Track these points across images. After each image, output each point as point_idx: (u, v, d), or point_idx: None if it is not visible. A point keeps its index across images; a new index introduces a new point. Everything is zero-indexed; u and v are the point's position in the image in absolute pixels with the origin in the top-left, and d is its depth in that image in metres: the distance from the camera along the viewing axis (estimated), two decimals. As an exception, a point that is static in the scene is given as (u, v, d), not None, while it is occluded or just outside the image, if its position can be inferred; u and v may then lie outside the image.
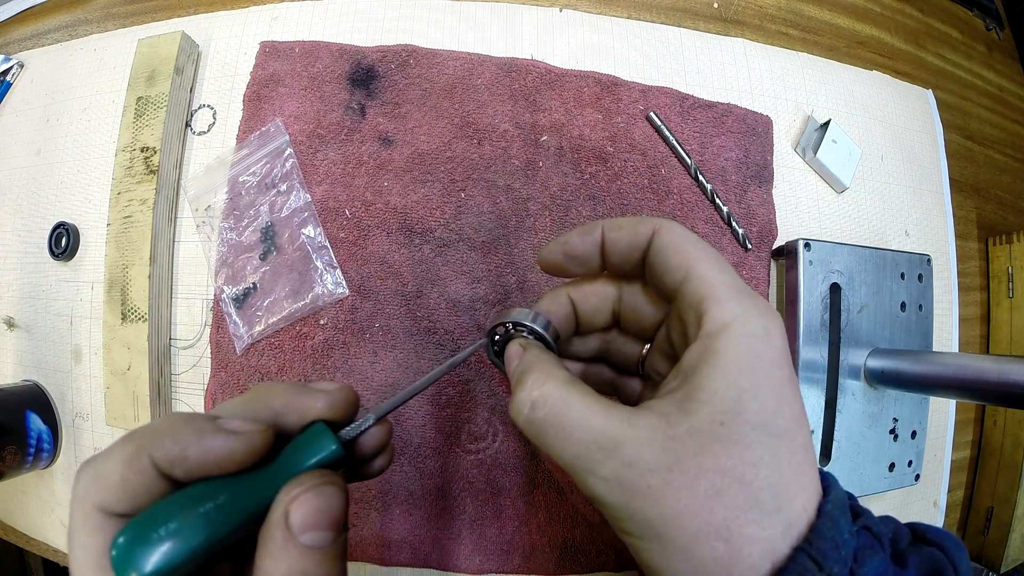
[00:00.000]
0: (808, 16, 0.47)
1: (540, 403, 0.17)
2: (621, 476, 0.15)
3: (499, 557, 0.34)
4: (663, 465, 0.15)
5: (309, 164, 0.36)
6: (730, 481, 0.15)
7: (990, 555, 0.46)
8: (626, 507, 0.15)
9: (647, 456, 0.15)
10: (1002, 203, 0.54)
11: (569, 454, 0.16)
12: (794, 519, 0.15)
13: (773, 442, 0.15)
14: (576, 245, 0.21)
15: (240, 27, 0.40)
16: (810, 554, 0.14)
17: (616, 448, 0.15)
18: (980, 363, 0.30)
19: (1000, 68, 0.58)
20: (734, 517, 0.15)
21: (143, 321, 0.35)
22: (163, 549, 0.13)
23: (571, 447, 0.16)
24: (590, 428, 0.16)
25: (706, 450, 0.15)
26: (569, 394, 0.17)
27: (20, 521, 0.41)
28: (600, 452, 0.16)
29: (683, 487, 0.15)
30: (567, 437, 0.16)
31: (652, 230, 0.19)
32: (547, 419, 0.17)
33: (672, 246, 0.18)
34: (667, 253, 0.18)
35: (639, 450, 0.15)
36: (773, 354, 0.16)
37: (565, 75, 0.38)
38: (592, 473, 0.16)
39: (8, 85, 0.45)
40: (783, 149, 0.41)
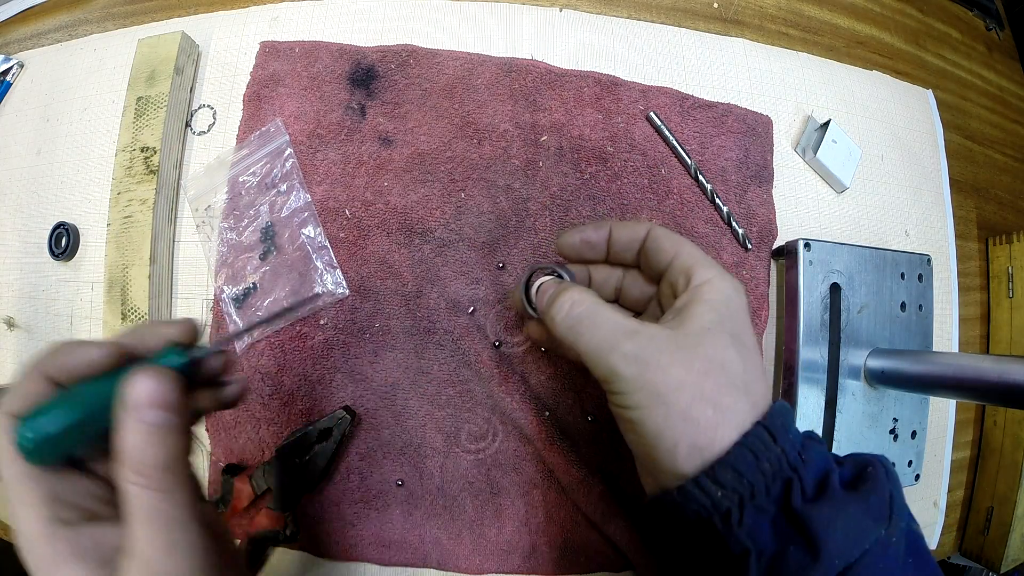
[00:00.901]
0: (808, 16, 0.47)
1: (578, 303, 0.23)
2: (639, 351, 0.20)
3: (499, 557, 0.34)
4: (670, 348, 0.21)
5: (309, 164, 0.36)
6: (716, 366, 0.21)
7: (990, 555, 0.46)
8: (640, 377, 0.20)
9: (660, 339, 0.21)
10: (1002, 203, 0.54)
11: (598, 336, 0.22)
12: (757, 401, 0.21)
13: (743, 350, 0.21)
14: (591, 234, 0.27)
15: (240, 27, 0.40)
16: (767, 427, 0.20)
17: (636, 332, 0.21)
18: (980, 363, 0.30)
19: (1000, 68, 0.58)
20: (718, 391, 0.20)
21: (143, 321, 0.35)
22: (45, 421, 0.18)
23: (600, 331, 0.22)
24: (617, 320, 0.22)
25: (699, 343, 0.21)
26: (598, 301, 0.23)
27: (20, 521, 0.41)
28: (624, 334, 0.21)
29: (683, 364, 0.20)
30: (598, 325, 0.22)
31: (648, 227, 0.26)
32: (583, 313, 0.23)
33: (664, 236, 0.25)
34: (660, 240, 0.25)
35: (654, 334, 0.21)
36: (740, 301, 0.23)
37: (565, 75, 0.38)
38: (616, 350, 0.21)
39: (8, 85, 0.45)
40: (783, 149, 0.41)
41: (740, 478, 0.19)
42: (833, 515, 0.18)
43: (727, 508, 0.19)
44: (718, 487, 0.19)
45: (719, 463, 0.19)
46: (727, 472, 0.19)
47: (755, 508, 0.19)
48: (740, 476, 0.19)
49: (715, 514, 0.19)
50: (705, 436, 0.20)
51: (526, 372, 0.35)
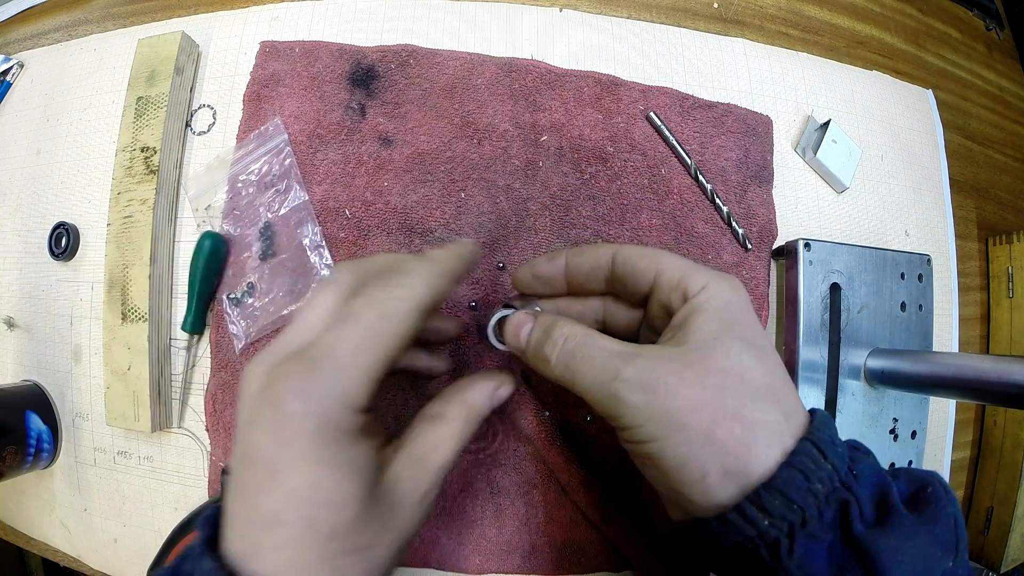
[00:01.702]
0: (808, 16, 0.47)
1: (570, 338, 0.21)
2: (643, 376, 0.18)
3: (499, 557, 0.34)
4: (675, 368, 0.18)
5: (309, 164, 0.36)
6: (732, 378, 0.18)
7: (990, 555, 0.46)
8: (648, 406, 0.18)
9: (663, 359, 0.19)
10: (1002, 203, 0.54)
11: (595, 369, 0.20)
12: (790, 410, 0.18)
13: (759, 354, 0.19)
14: (542, 268, 0.25)
15: (240, 27, 0.40)
16: (813, 442, 0.17)
17: (635, 356, 0.19)
18: (980, 363, 0.30)
19: (1000, 68, 0.58)
20: (741, 405, 0.18)
21: (143, 321, 0.35)
22: None
23: (598, 363, 0.20)
24: (611, 347, 0.20)
25: (708, 356, 0.19)
26: (590, 332, 0.21)
27: (20, 521, 0.42)
28: (622, 359, 0.19)
29: (694, 383, 0.18)
30: (594, 356, 0.20)
31: (612, 249, 0.23)
32: (576, 347, 0.21)
33: (636, 254, 0.23)
34: (634, 260, 0.23)
35: (654, 355, 0.19)
36: (743, 300, 0.21)
37: (565, 75, 0.38)
38: (617, 377, 0.19)
39: (8, 85, 0.45)
40: (783, 149, 0.41)
41: (789, 503, 0.16)
42: (900, 544, 0.16)
43: (775, 538, 0.17)
44: (764, 515, 0.17)
45: (764, 488, 0.17)
46: (775, 497, 0.17)
47: (807, 536, 0.17)
48: (789, 501, 0.16)
49: (762, 545, 0.17)
50: (737, 458, 0.17)
51: (526, 371, 0.35)
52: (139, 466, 0.37)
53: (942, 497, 0.18)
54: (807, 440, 0.18)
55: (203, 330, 0.36)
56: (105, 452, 0.38)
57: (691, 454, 0.18)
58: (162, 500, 0.36)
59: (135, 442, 0.37)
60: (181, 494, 0.36)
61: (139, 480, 0.37)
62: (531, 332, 0.23)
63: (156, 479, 0.36)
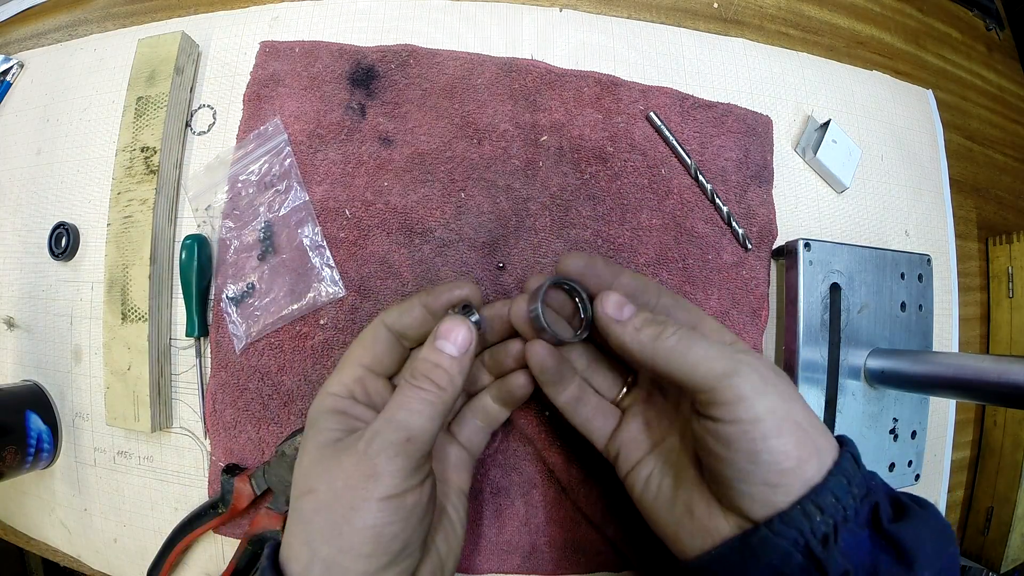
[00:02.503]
0: (808, 16, 0.47)
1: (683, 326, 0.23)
2: (755, 364, 0.22)
3: (499, 557, 0.34)
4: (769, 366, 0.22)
5: (309, 164, 0.36)
6: (796, 396, 0.22)
7: (990, 555, 0.46)
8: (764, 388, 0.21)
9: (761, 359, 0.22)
10: (1002, 203, 0.54)
11: (715, 350, 0.22)
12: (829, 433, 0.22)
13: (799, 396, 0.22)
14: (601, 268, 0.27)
15: (240, 27, 0.40)
16: (852, 453, 0.21)
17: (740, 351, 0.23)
18: (980, 363, 0.30)
19: (1000, 68, 0.58)
20: (809, 414, 0.22)
21: (143, 321, 0.35)
22: None
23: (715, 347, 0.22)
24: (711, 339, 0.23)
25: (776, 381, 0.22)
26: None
27: (20, 521, 0.42)
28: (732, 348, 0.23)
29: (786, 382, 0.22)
30: (710, 342, 0.23)
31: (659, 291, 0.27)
32: (691, 332, 0.23)
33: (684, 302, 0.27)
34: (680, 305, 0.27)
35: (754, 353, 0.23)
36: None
37: (565, 75, 0.38)
38: (737, 355, 0.22)
39: (8, 85, 0.45)
40: (783, 149, 0.41)
41: (837, 502, 0.20)
42: (920, 530, 0.20)
43: (824, 533, 0.20)
44: (818, 511, 0.20)
45: (820, 487, 0.20)
46: (827, 496, 0.20)
47: (848, 531, 0.20)
48: (837, 500, 0.20)
49: (812, 539, 0.20)
50: (827, 443, 0.21)
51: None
52: (139, 466, 0.37)
53: (933, 507, 0.22)
54: (848, 452, 0.21)
55: (207, 331, 0.36)
56: (105, 452, 0.38)
57: (803, 434, 0.20)
58: (162, 500, 0.36)
59: (135, 442, 0.37)
60: (181, 494, 0.36)
61: (139, 480, 0.37)
62: (636, 312, 0.25)
63: (156, 479, 0.36)
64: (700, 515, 0.23)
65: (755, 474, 0.20)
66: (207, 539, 0.35)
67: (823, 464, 0.20)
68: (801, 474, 0.20)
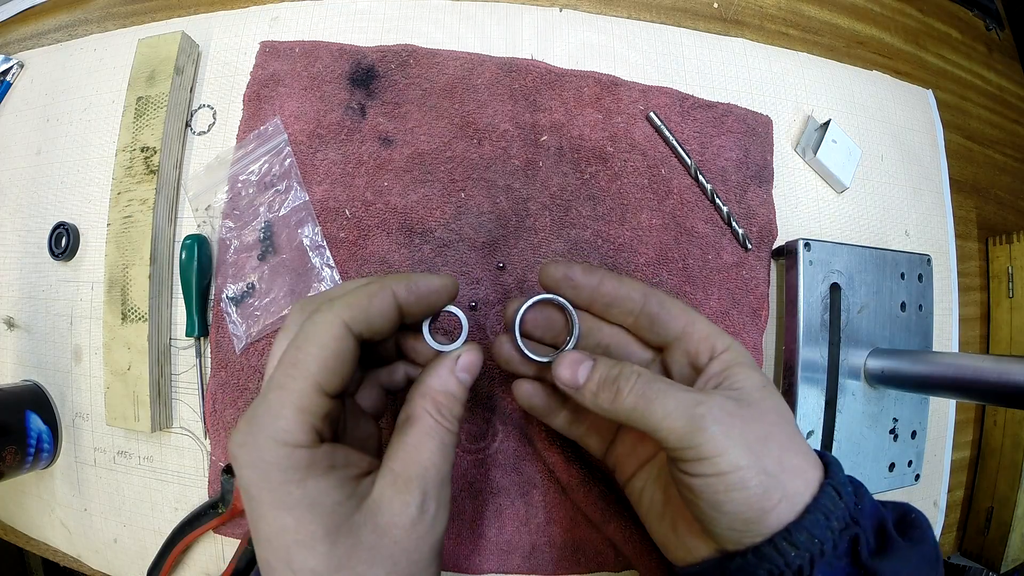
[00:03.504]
0: (808, 16, 0.47)
1: (644, 375, 0.22)
2: (720, 409, 0.20)
3: (499, 557, 0.34)
4: (741, 406, 0.21)
5: (309, 164, 0.36)
6: (783, 419, 0.21)
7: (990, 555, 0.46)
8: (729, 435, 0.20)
9: (729, 399, 0.21)
10: (1002, 203, 0.54)
11: (676, 399, 0.21)
12: (813, 460, 0.21)
13: (784, 421, 0.22)
14: (579, 277, 0.26)
15: (240, 27, 0.40)
16: (833, 486, 0.20)
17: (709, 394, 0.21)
18: (980, 363, 0.30)
19: (1000, 68, 0.58)
20: (794, 438, 0.21)
21: (143, 321, 0.35)
22: None
23: (676, 396, 0.21)
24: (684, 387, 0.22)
25: (763, 400, 0.21)
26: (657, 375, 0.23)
27: (20, 521, 0.42)
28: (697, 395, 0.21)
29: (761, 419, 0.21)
30: (670, 391, 0.21)
31: (643, 290, 0.25)
32: (652, 382, 0.22)
33: (671, 302, 0.25)
34: (668, 307, 0.25)
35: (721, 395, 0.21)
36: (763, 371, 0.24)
37: (565, 75, 0.38)
38: (699, 407, 0.20)
39: (8, 85, 0.45)
40: (783, 149, 0.41)
41: (812, 538, 0.19)
42: (899, 566, 0.19)
43: (799, 566, 0.19)
44: (792, 548, 0.19)
45: (794, 526, 0.19)
46: (802, 533, 0.19)
47: (825, 564, 0.19)
48: (812, 537, 0.19)
49: (787, 572, 0.19)
50: (801, 481, 0.20)
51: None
52: (139, 466, 0.37)
53: (923, 522, 0.22)
54: (829, 484, 0.20)
55: (207, 331, 0.36)
56: (105, 452, 0.38)
57: (770, 483, 0.20)
58: (162, 500, 0.36)
59: (135, 442, 0.37)
60: (181, 494, 0.36)
61: (139, 480, 0.37)
62: (595, 368, 0.23)
63: (156, 479, 0.37)
64: (682, 533, 0.24)
65: (720, 521, 0.20)
66: (207, 539, 0.35)
67: (795, 505, 0.20)
68: (766, 521, 0.20)
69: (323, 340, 0.19)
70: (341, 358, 0.19)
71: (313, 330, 0.19)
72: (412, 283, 0.22)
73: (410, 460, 0.20)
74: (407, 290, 0.22)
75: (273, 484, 0.17)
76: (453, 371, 0.23)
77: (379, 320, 0.21)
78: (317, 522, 0.17)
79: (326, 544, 0.17)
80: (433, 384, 0.23)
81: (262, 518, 0.18)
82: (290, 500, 0.17)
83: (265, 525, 0.18)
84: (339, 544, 0.18)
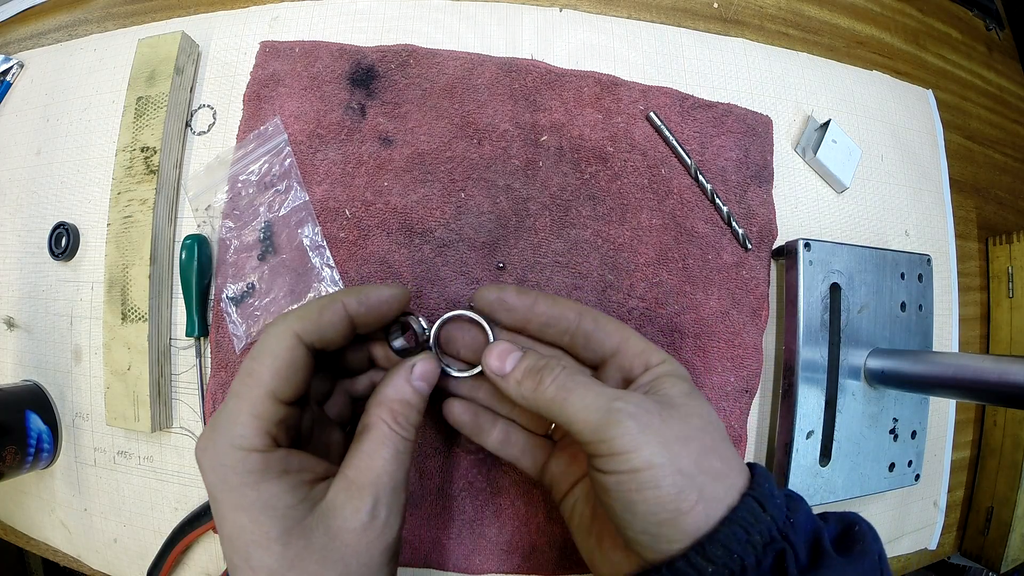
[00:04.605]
0: (808, 16, 0.47)
1: (568, 368, 0.22)
2: (637, 406, 0.20)
3: (499, 557, 0.34)
4: (661, 408, 0.21)
5: (309, 164, 0.36)
6: (707, 423, 0.21)
7: (990, 555, 0.46)
8: (644, 432, 0.19)
9: (649, 400, 0.21)
10: (1002, 203, 0.54)
11: (593, 393, 0.21)
12: (738, 468, 0.21)
13: (711, 426, 0.21)
14: (512, 299, 0.26)
15: (240, 27, 0.40)
16: (755, 497, 0.19)
17: (627, 392, 0.21)
18: (980, 363, 0.30)
19: (1000, 68, 0.58)
20: (717, 442, 0.21)
21: (143, 321, 0.35)
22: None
23: (594, 389, 0.21)
24: (600, 384, 0.22)
25: (686, 404, 0.21)
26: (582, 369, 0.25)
27: (20, 521, 0.42)
28: (615, 392, 0.21)
29: (681, 421, 0.20)
30: (591, 385, 0.21)
31: (578, 309, 0.26)
32: (573, 375, 0.22)
33: (605, 319, 0.25)
34: (603, 324, 0.25)
35: (641, 395, 0.21)
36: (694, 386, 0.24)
37: (565, 75, 0.38)
38: (615, 402, 0.20)
39: (8, 85, 0.45)
40: (783, 149, 0.41)
41: (730, 554, 0.18)
42: None
43: None
44: (709, 563, 0.18)
45: (708, 540, 0.18)
46: (717, 549, 0.18)
47: None
48: (730, 552, 0.18)
49: None
50: (720, 485, 0.19)
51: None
52: (139, 466, 0.37)
53: (867, 534, 0.20)
54: (749, 495, 0.19)
55: (207, 331, 0.36)
56: (105, 452, 0.38)
57: (685, 483, 0.19)
58: (162, 500, 0.36)
59: (135, 442, 0.37)
60: (181, 494, 0.36)
61: (139, 480, 0.37)
62: (523, 358, 0.24)
63: (156, 479, 0.37)
64: (606, 548, 0.24)
65: (634, 524, 0.20)
66: (207, 539, 0.35)
67: (712, 513, 0.19)
68: (682, 524, 0.19)
69: (276, 351, 0.21)
70: (294, 367, 0.21)
71: (267, 342, 0.21)
72: (363, 295, 0.23)
73: (363, 467, 0.21)
74: (357, 302, 0.23)
75: (231, 486, 0.19)
76: (409, 380, 0.23)
77: (330, 330, 0.22)
78: (271, 523, 0.19)
79: (279, 544, 0.19)
80: (388, 393, 0.23)
81: (224, 519, 0.19)
82: (246, 501, 0.19)
83: (227, 525, 0.19)
84: (291, 545, 0.19)
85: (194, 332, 0.35)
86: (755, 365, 0.37)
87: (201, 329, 0.35)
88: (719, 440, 0.21)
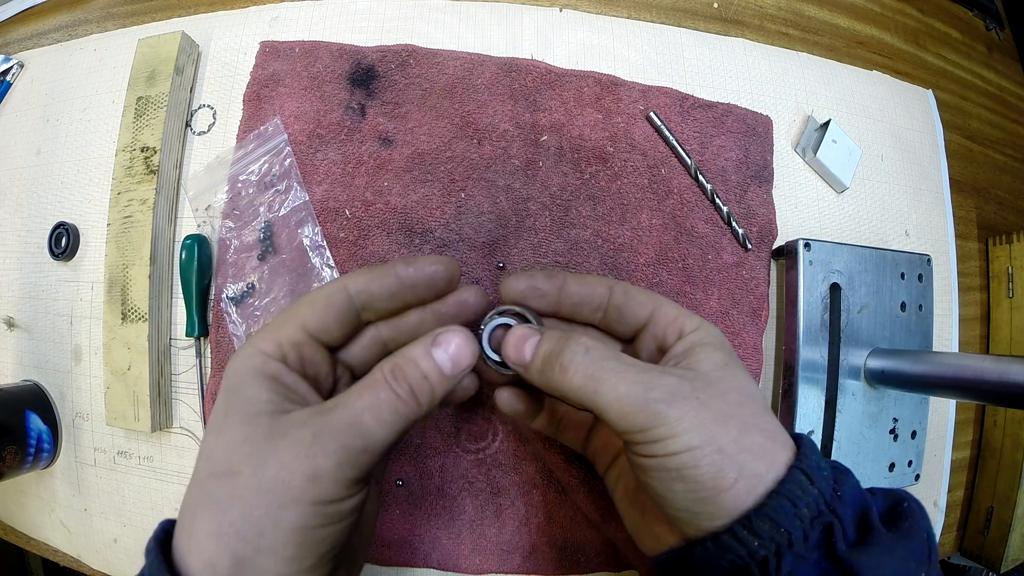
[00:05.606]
0: (808, 16, 0.47)
1: (592, 348, 0.21)
2: (676, 389, 0.19)
3: (499, 557, 0.34)
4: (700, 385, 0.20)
5: (309, 164, 0.36)
6: (746, 397, 0.20)
7: (990, 555, 0.46)
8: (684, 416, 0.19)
9: (687, 378, 0.20)
10: (1002, 203, 0.54)
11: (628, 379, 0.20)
12: (782, 440, 0.20)
13: (750, 400, 0.21)
14: (541, 284, 0.25)
15: (240, 27, 0.40)
16: (802, 469, 0.19)
17: (664, 372, 0.20)
18: (980, 363, 0.30)
19: (1000, 68, 0.58)
20: (758, 416, 0.20)
21: (143, 321, 0.35)
22: None
23: (630, 375, 0.20)
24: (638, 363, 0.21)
25: (723, 378, 0.20)
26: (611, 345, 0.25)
27: (20, 521, 0.42)
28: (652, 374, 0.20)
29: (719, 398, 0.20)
30: (624, 369, 0.20)
31: (608, 284, 0.25)
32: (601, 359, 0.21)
33: (635, 290, 0.25)
34: (633, 295, 0.24)
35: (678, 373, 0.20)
36: (729, 344, 0.23)
37: (565, 75, 0.38)
38: (654, 389, 0.19)
39: (8, 85, 0.45)
40: (783, 149, 0.41)
41: (777, 528, 0.18)
42: (880, 560, 0.18)
43: (764, 557, 0.18)
44: (755, 537, 0.18)
45: (755, 513, 0.18)
46: (764, 522, 0.18)
47: (794, 555, 0.18)
48: (777, 526, 0.18)
49: (752, 563, 0.18)
50: (762, 462, 0.19)
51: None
52: (139, 466, 0.37)
53: (916, 512, 0.20)
54: (796, 467, 0.19)
55: (207, 331, 0.36)
56: (105, 452, 0.38)
57: (724, 461, 0.18)
58: (162, 500, 0.36)
59: (135, 442, 0.37)
60: (181, 494, 0.36)
61: (139, 480, 0.37)
62: (540, 344, 0.22)
63: (156, 479, 0.37)
64: (650, 520, 0.24)
65: (673, 501, 0.20)
66: (207, 539, 0.35)
67: (753, 489, 0.18)
68: (721, 502, 0.18)
69: (319, 296, 0.22)
70: (331, 306, 0.22)
71: (319, 289, 0.22)
72: (415, 263, 0.23)
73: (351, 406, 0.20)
74: (408, 265, 0.23)
75: (240, 376, 0.20)
76: (428, 349, 0.21)
77: (380, 291, 0.23)
78: (238, 409, 0.20)
79: (244, 426, 0.19)
80: (405, 352, 0.21)
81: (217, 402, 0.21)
82: (238, 389, 0.20)
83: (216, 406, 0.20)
84: (251, 438, 0.19)
85: (194, 332, 0.35)
86: (755, 365, 0.37)
87: (201, 329, 0.35)
88: (760, 412, 0.20)
